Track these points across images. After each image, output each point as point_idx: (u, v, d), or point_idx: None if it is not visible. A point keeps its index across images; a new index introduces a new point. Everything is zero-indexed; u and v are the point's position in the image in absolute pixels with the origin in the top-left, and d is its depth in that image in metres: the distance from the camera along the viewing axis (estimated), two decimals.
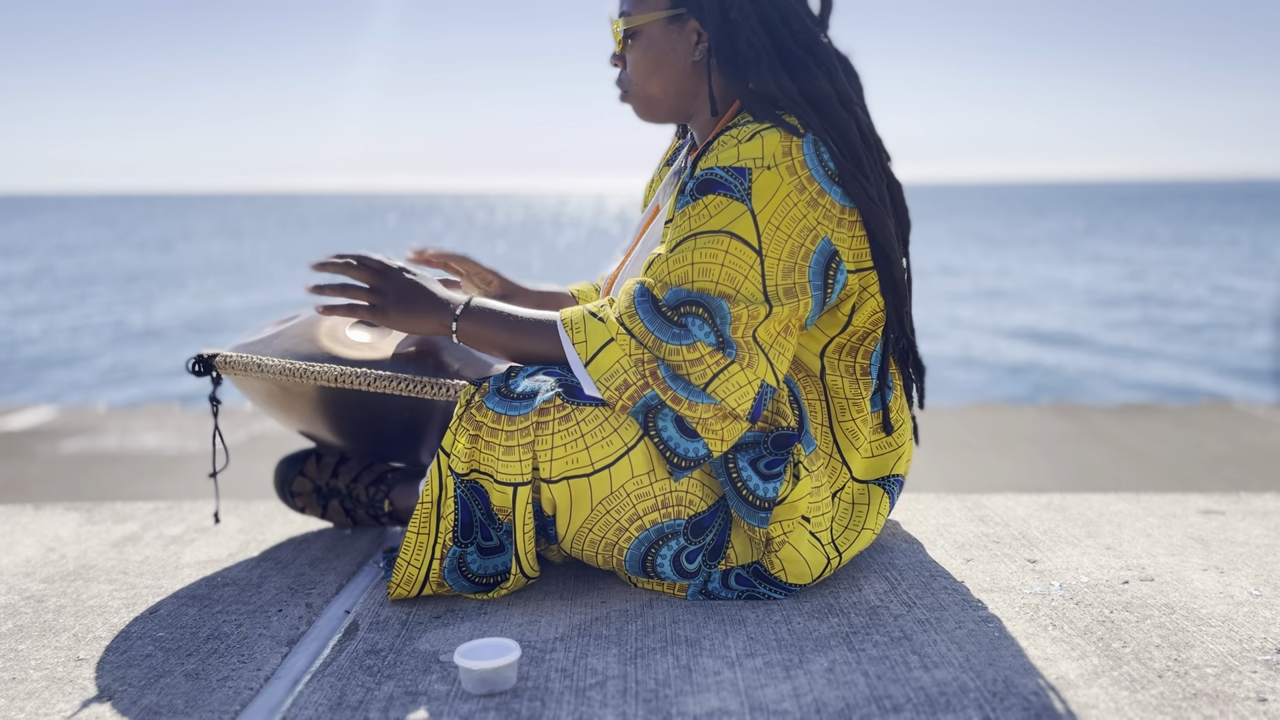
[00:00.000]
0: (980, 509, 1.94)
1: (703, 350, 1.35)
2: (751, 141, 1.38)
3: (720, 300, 1.35)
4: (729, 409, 1.36)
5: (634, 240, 1.67)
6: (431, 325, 1.47)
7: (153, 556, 1.77)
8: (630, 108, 1.58)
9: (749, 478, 1.40)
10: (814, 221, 1.39)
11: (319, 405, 1.60)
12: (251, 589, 1.60)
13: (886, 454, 1.56)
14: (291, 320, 1.70)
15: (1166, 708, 1.14)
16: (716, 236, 1.37)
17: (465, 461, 1.41)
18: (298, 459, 1.84)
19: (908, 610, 1.43)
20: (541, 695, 1.20)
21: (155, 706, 1.20)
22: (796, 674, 1.24)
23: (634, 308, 1.38)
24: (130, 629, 1.44)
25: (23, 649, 1.38)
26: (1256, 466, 5.38)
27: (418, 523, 1.45)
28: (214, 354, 1.58)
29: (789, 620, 1.40)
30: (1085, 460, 5.60)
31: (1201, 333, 14.50)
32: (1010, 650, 1.30)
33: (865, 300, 1.48)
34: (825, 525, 1.46)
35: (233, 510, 2.04)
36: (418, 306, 1.47)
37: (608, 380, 1.36)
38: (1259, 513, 1.92)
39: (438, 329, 1.47)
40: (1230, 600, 1.45)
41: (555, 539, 1.46)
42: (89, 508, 2.10)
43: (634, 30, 1.51)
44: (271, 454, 4.93)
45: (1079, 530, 1.80)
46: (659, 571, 1.46)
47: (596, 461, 1.37)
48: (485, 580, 1.48)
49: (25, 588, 1.63)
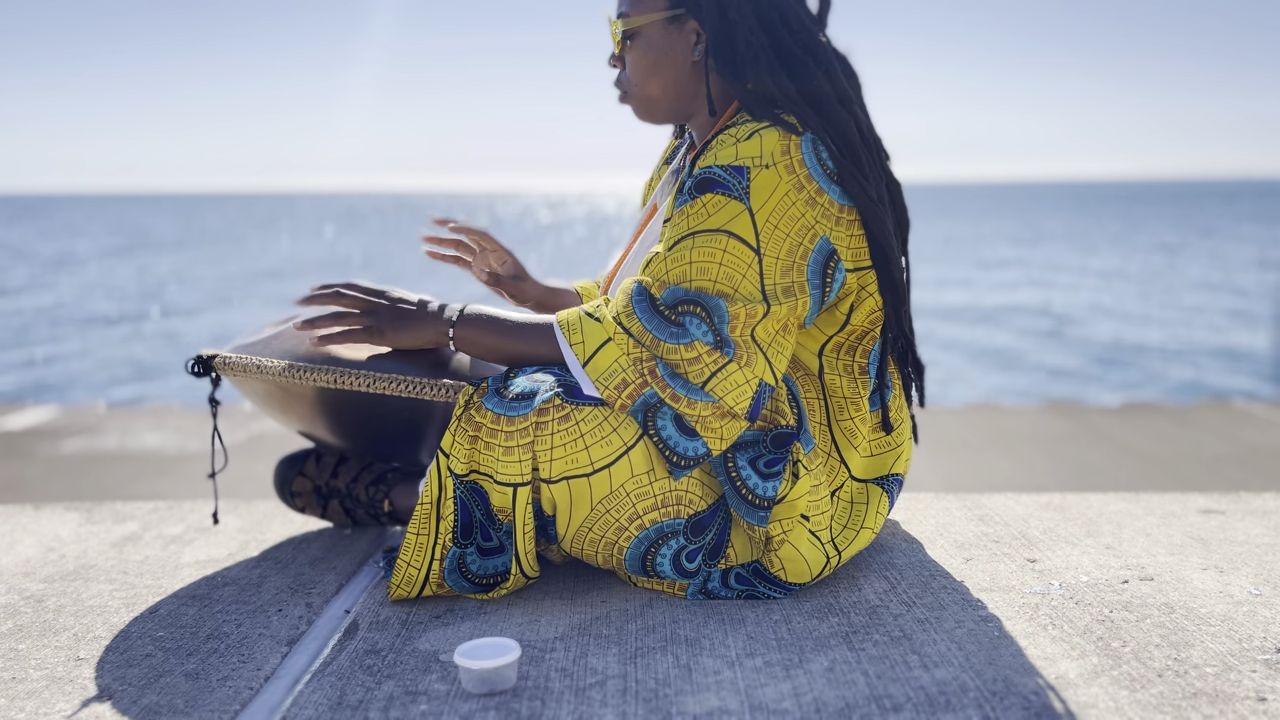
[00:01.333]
0: (980, 508, 1.94)
1: (700, 349, 1.35)
2: (750, 140, 1.38)
3: (718, 299, 1.35)
4: (727, 408, 1.36)
5: (632, 239, 1.67)
6: (428, 337, 1.49)
7: (153, 556, 1.77)
8: (629, 109, 1.58)
9: (748, 476, 1.40)
10: (812, 220, 1.39)
11: (318, 406, 1.60)
12: (251, 589, 1.60)
13: (885, 453, 1.56)
14: (291, 321, 1.70)
15: (1166, 707, 1.14)
16: (715, 235, 1.37)
17: (465, 462, 1.41)
18: (297, 459, 1.84)
19: (907, 610, 1.43)
20: (541, 695, 1.20)
21: (155, 706, 1.20)
22: (796, 673, 1.24)
23: (631, 307, 1.38)
24: (130, 629, 1.44)
25: (23, 649, 1.38)
26: (1256, 466, 5.38)
27: (417, 524, 1.45)
28: (213, 355, 1.58)
29: (789, 620, 1.40)
30: (1085, 460, 5.60)
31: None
32: (1010, 650, 1.30)
33: (864, 299, 1.48)
34: (824, 524, 1.47)
35: (232, 510, 2.04)
36: (411, 321, 1.49)
37: (606, 380, 1.36)
38: (1259, 512, 1.92)
39: (434, 340, 1.49)
40: (1230, 599, 1.45)
41: (555, 539, 1.46)
42: (89, 507, 2.10)
43: (633, 31, 1.51)
44: (271, 454, 4.93)
45: (1079, 530, 1.80)
46: (659, 571, 1.46)
47: (596, 461, 1.37)
48: (485, 581, 1.48)
49: (25, 587, 1.63)
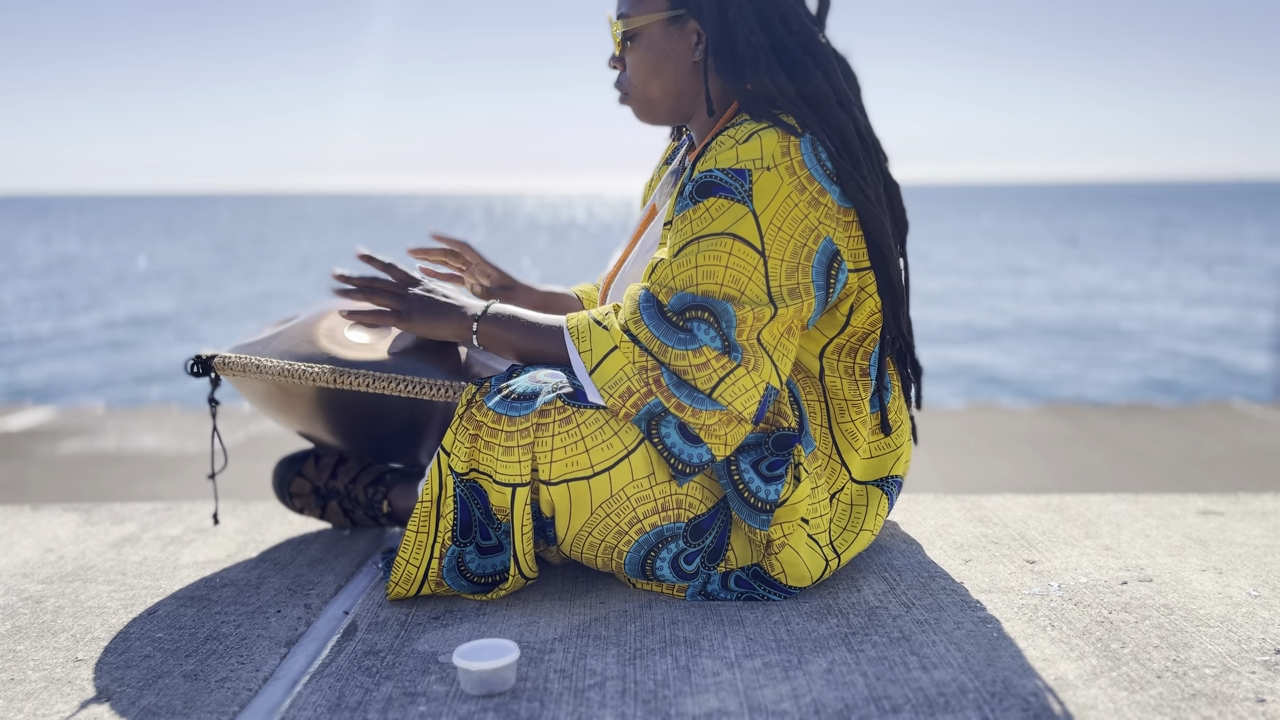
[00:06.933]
0: (979, 510, 1.94)
1: (709, 354, 1.35)
2: (749, 142, 1.38)
3: (725, 303, 1.35)
4: (735, 413, 1.36)
5: (631, 240, 1.66)
6: (453, 330, 1.51)
7: (151, 557, 1.77)
8: (630, 110, 1.58)
9: (751, 480, 1.40)
10: (815, 221, 1.39)
11: (318, 406, 1.60)
12: (250, 590, 1.59)
13: (885, 455, 1.56)
14: (290, 321, 1.70)
15: (1165, 708, 1.14)
16: (719, 239, 1.37)
17: (465, 461, 1.41)
18: (296, 460, 1.84)
19: (906, 611, 1.43)
20: (540, 696, 1.20)
21: (154, 707, 1.20)
22: (795, 675, 1.24)
23: (639, 313, 1.38)
24: (129, 630, 1.44)
25: (21, 650, 1.38)
26: (1255, 467, 5.38)
27: (417, 521, 1.45)
28: (212, 355, 1.58)
29: (788, 621, 1.40)
30: (1084, 461, 5.60)
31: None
32: (1009, 651, 1.30)
33: (864, 301, 1.48)
34: (823, 527, 1.46)
35: (231, 511, 2.04)
36: (440, 312, 1.51)
37: (611, 388, 1.36)
38: (1257, 513, 1.92)
39: (458, 333, 1.51)
40: (1229, 601, 1.45)
41: (554, 540, 1.46)
42: (87, 508, 2.10)
43: (634, 32, 1.51)
44: (270, 455, 4.93)
45: (1078, 531, 1.80)
46: (658, 574, 1.46)
47: (596, 464, 1.37)
48: (484, 580, 1.48)
49: (23, 588, 1.62)
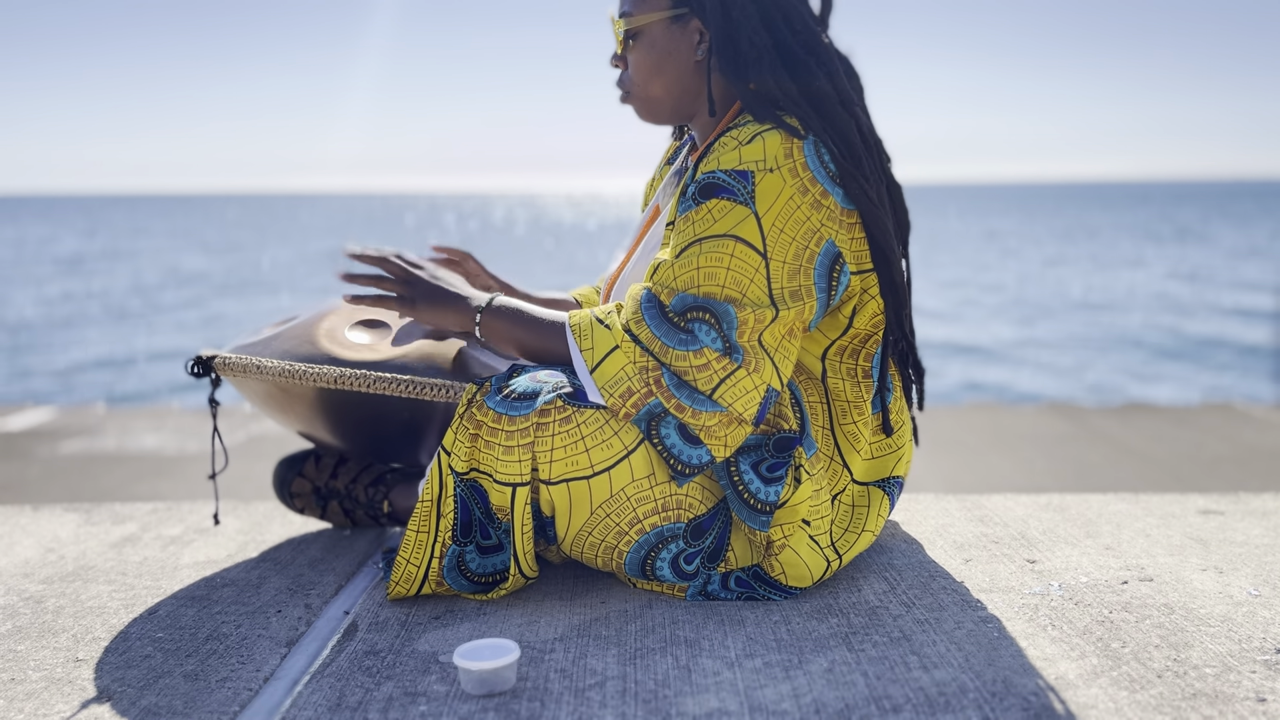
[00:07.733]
0: (979, 509, 1.94)
1: (709, 356, 1.35)
2: (752, 144, 1.38)
3: (727, 305, 1.35)
4: (735, 414, 1.36)
5: (634, 241, 1.66)
6: (456, 320, 1.51)
7: (152, 557, 1.77)
8: (631, 109, 1.58)
9: (750, 481, 1.40)
10: (818, 224, 1.39)
11: (318, 406, 1.60)
12: (250, 590, 1.59)
13: (886, 456, 1.56)
14: (290, 322, 1.70)
15: (1166, 708, 1.14)
16: (721, 241, 1.37)
17: (465, 460, 1.41)
18: (297, 460, 1.84)
19: (907, 610, 1.43)
20: (541, 696, 1.20)
21: (154, 707, 1.20)
22: (796, 674, 1.24)
23: (641, 314, 1.38)
24: (129, 630, 1.44)
25: (21, 650, 1.38)
26: (1256, 466, 5.38)
27: (417, 521, 1.45)
28: (213, 355, 1.58)
29: (788, 621, 1.40)
30: (1084, 460, 5.60)
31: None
32: (1009, 650, 1.30)
33: (866, 302, 1.48)
34: (825, 528, 1.46)
35: (232, 511, 2.04)
36: (445, 301, 1.51)
37: (612, 388, 1.36)
38: (1258, 513, 1.92)
39: (461, 324, 1.51)
40: (1229, 600, 1.45)
41: (555, 540, 1.46)
42: (88, 508, 2.10)
43: (636, 31, 1.51)
44: (271, 455, 4.93)
45: (1078, 530, 1.80)
46: (658, 575, 1.45)
47: (596, 464, 1.37)
48: (484, 579, 1.48)
49: (24, 588, 1.62)
